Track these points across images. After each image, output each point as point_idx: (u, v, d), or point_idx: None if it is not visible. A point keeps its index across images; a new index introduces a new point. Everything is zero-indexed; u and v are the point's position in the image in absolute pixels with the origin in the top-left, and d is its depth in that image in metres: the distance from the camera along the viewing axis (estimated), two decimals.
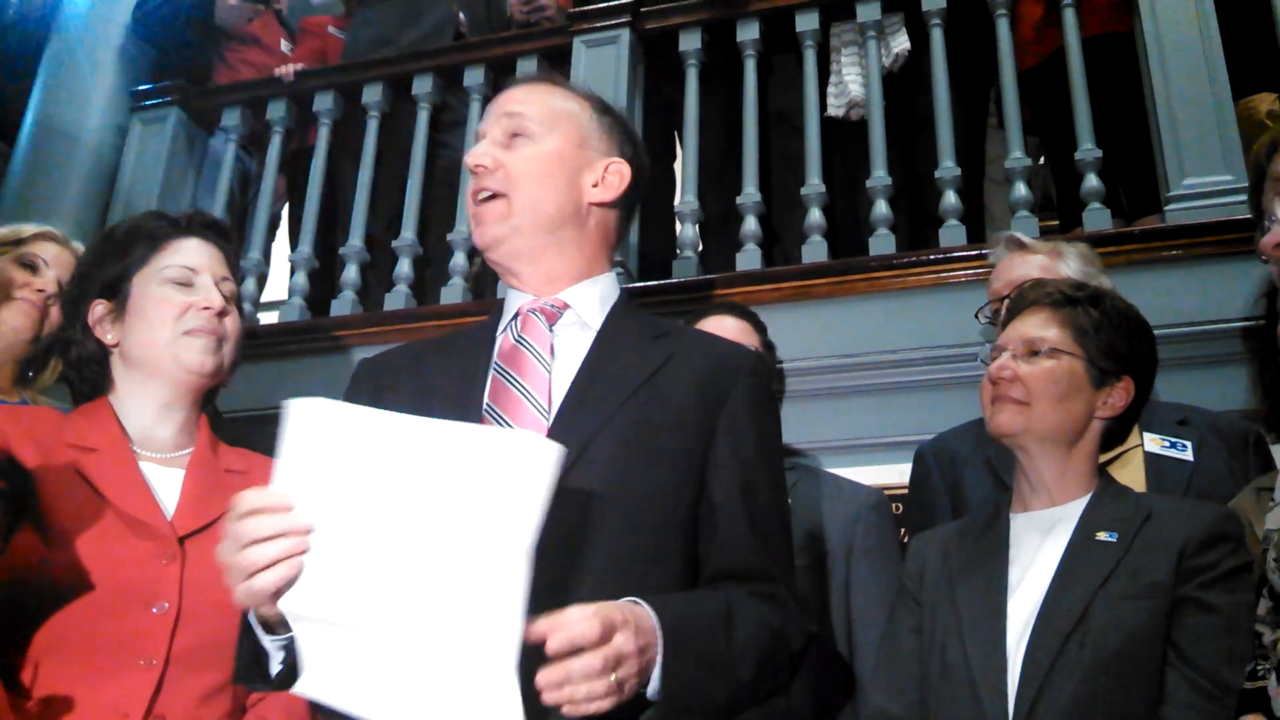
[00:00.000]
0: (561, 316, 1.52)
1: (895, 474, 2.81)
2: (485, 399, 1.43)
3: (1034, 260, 2.33)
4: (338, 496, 1.14)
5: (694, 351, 1.51)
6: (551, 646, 1.11)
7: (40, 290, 2.26)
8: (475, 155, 1.52)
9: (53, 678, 1.50)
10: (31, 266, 2.28)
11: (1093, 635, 1.62)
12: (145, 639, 1.54)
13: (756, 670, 1.32)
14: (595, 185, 1.55)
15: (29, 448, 1.61)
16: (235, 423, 2.98)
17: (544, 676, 1.11)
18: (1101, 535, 1.72)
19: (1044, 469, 1.82)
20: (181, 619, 1.56)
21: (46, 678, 1.50)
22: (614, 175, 1.57)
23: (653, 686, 1.22)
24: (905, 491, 2.56)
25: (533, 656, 1.10)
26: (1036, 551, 1.77)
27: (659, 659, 1.22)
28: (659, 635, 1.22)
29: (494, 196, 1.51)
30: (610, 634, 1.15)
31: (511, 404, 1.41)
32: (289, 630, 1.21)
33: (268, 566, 1.14)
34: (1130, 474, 2.05)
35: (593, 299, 1.54)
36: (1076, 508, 1.79)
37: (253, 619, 1.25)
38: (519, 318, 1.52)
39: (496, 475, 1.09)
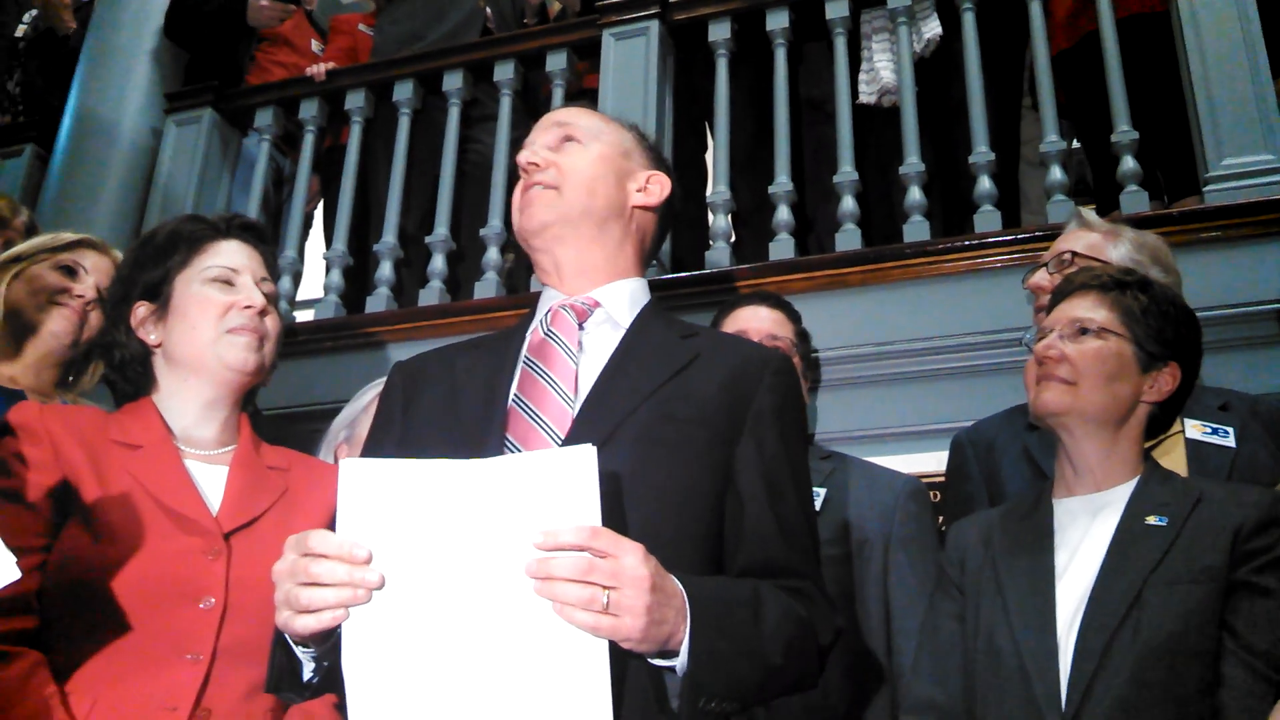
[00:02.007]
0: (592, 314, 1.55)
1: (933, 462, 2.79)
2: (513, 389, 1.46)
3: (1087, 237, 2.30)
4: (398, 550, 1.16)
5: (721, 351, 1.53)
6: (536, 541, 1.14)
7: (80, 296, 2.29)
8: (528, 153, 1.59)
9: (102, 672, 1.52)
10: (72, 273, 2.31)
11: (1146, 620, 1.60)
12: (192, 634, 1.56)
13: (785, 656, 1.32)
14: (640, 190, 1.63)
15: (75, 445, 1.63)
16: (273, 420, 3.01)
17: (531, 563, 1.14)
18: (1151, 519, 1.70)
19: (1089, 451, 1.80)
20: (228, 614, 1.58)
21: (95, 672, 1.52)
22: (655, 184, 1.65)
23: (680, 659, 1.22)
24: (943, 479, 2.55)
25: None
26: (1084, 536, 1.76)
27: (686, 630, 1.22)
28: (687, 607, 1.22)
29: (545, 188, 1.57)
30: (612, 551, 1.16)
31: (538, 393, 1.44)
32: (321, 644, 1.23)
33: (321, 609, 1.16)
34: (1171, 461, 2.02)
35: (623, 298, 1.57)
36: (1123, 491, 1.77)
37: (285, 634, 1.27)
38: (550, 313, 1.55)
39: (548, 495, 1.12)
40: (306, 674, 1.29)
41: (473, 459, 1.20)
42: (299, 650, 1.27)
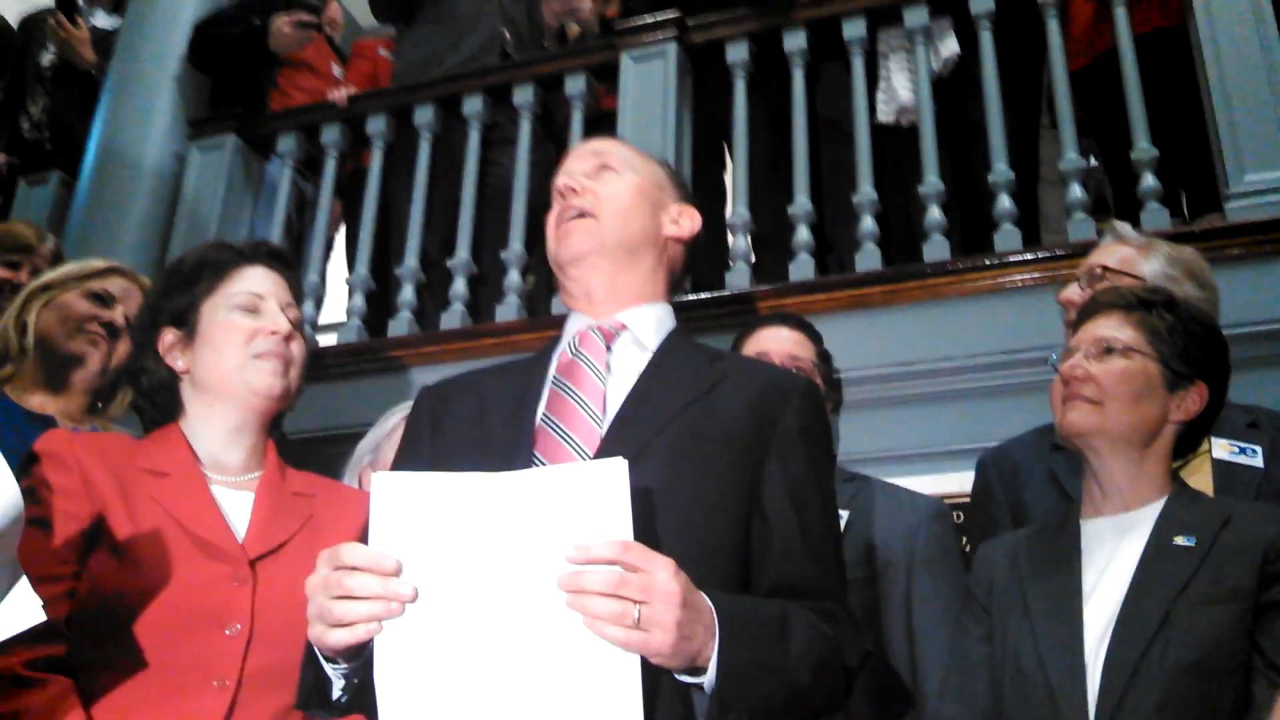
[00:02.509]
0: (619, 336, 1.56)
1: (955, 483, 2.78)
2: (541, 408, 1.47)
3: (1119, 251, 2.29)
4: (430, 563, 1.17)
5: (748, 374, 1.55)
6: (569, 554, 1.14)
7: (109, 323, 2.31)
8: (566, 178, 1.60)
9: (128, 699, 1.52)
10: (102, 300, 2.33)
11: (1175, 641, 1.59)
12: (218, 660, 1.56)
13: (812, 676, 1.31)
14: (673, 222, 1.64)
15: (103, 473, 1.64)
16: (296, 444, 3.02)
17: (564, 576, 1.14)
18: (1179, 540, 1.69)
19: (1116, 472, 1.79)
20: (254, 641, 1.58)
21: (122, 699, 1.52)
22: (687, 219, 1.67)
23: (708, 676, 1.22)
24: (966, 500, 2.54)
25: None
26: (1111, 556, 1.75)
27: (715, 647, 1.22)
28: (715, 624, 1.22)
29: (582, 215, 1.58)
30: (645, 566, 1.16)
31: (567, 412, 1.45)
32: (353, 659, 1.24)
33: (354, 622, 1.16)
34: (1196, 481, 2.00)
35: (650, 322, 1.58)
36: (1151, 512, 1.76)
37: (317, 648, 1.27)
38: (578, 336, 1.56)
39: (580, 509, 1.13)
40: (336, 692, 1.29)
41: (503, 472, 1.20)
42: (329, 667, 1.27)
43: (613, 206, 1.58)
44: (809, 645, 1.32)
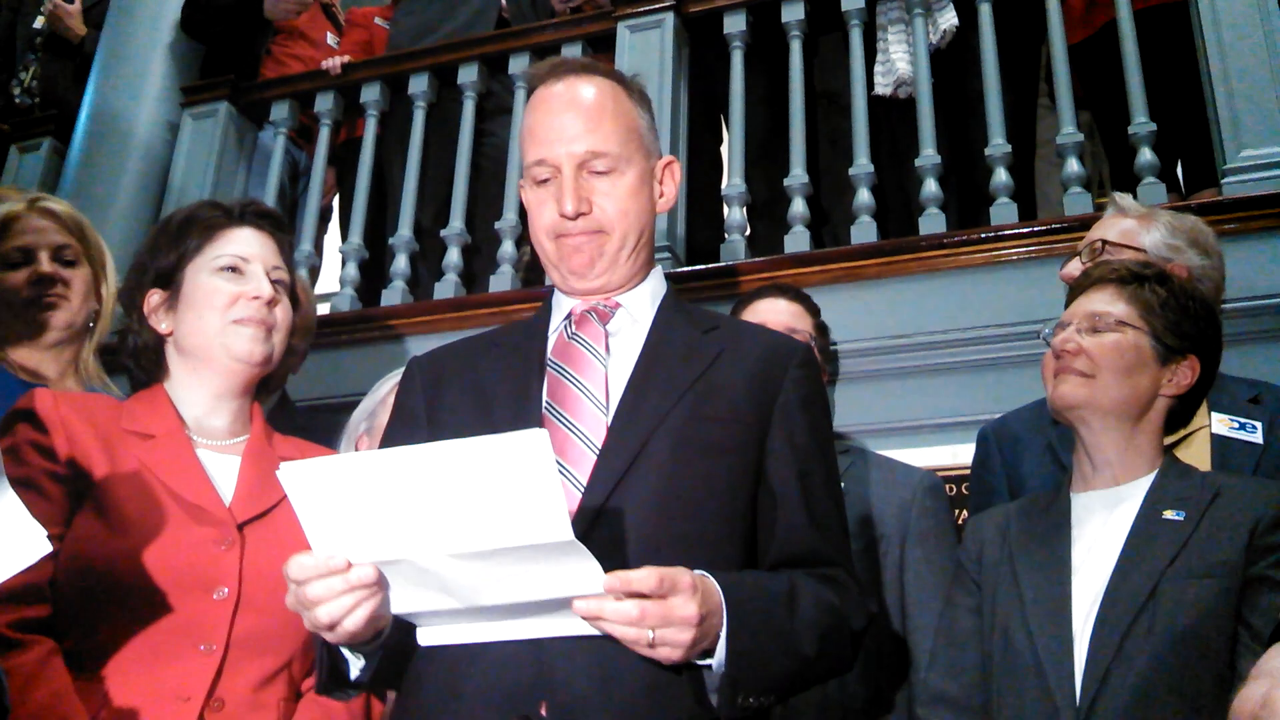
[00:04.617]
0: (614, 316, 1.54)
1: (948, 455, 2.78)
2: (544, 397, 1.46)
3: (1120, 224, 2.28)
4: (378, 536, 1.19)
5: (744, 344, 1.54)
6: (607, 583, 1.16)
7: (41, 278, 2.22)
8: (570, 200, 1.49)
9: (116, 662, 1.53)
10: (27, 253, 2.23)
11: (1161, 615, 1.60)
12: (206, 624, 1.56)
13: (819, 647, 1.35)
14: (660, 196, 1.59)
15: (88, 434, 1.63)
16: (303, 411, 3.03)
17: (579, 604, 1.18)
18: (1168, 513, 1.70)
19: (1106, 445, 1.79)
20: (241, 604, 1.58)
21: (110, 662, 1.52)
22: (670, 182, 1.61)
23: (717, 658, 1.26)
24: (959, 473, 2.54)
25: None
26: (1100, 530, 1.75)
27: (724, 631, 1.25)
28: (724, 608, 1.25)
29: (593, 231, 1.51)
30: (668, 592, 1.19)
31: (571, 401, 1.45)
32: (369, 644, 1.29)
33: (340, 620, 1.22)
34: (1194, 455, 1.99)
35: (644, 296, 1.58)
36: (1141, 486, 1.77)
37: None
38: (573, 319, 1.54)
39: (508, 480, 1.12)
40: (355, 673, 1.34)
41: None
42: (349, 653, 1.33)
43: (623, 226, 1.52)
44: (815, 616, 1.35)
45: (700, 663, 1.27)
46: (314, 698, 1.62)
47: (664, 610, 1.19)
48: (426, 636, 1.31)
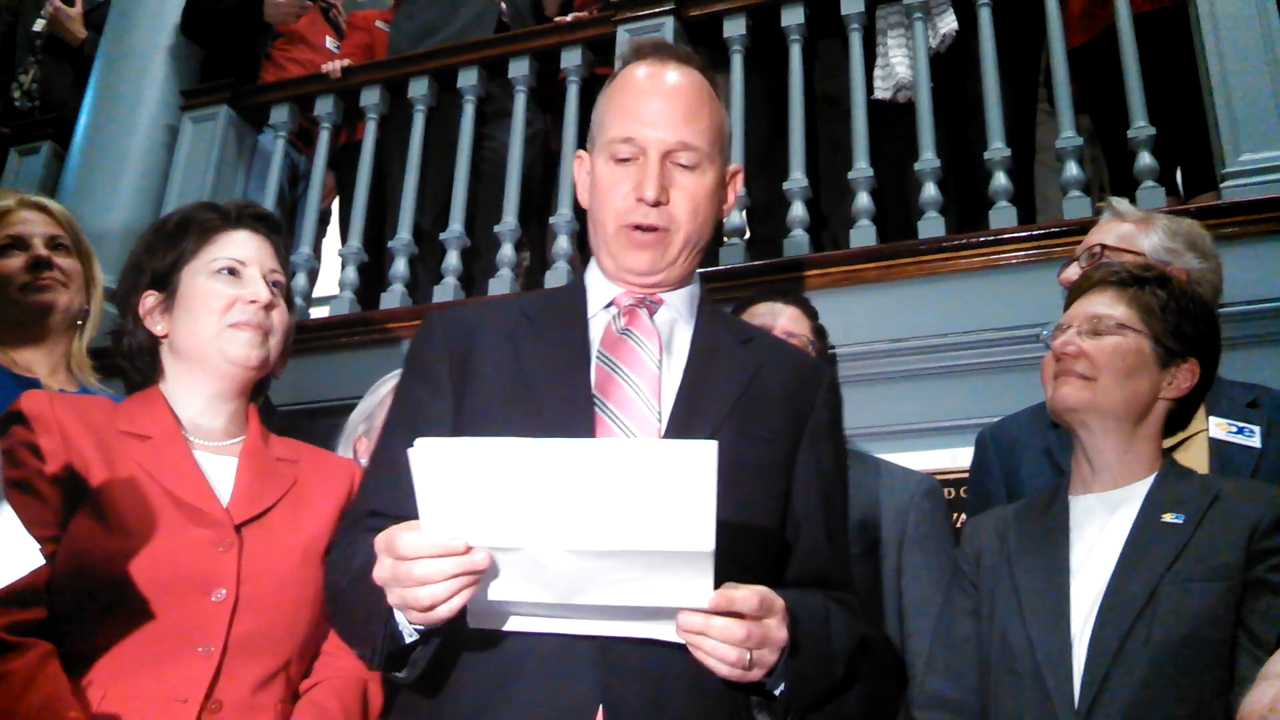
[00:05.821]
0: (659, 312, 1.54)
1: (947, 459, 2.78)
2: (591, 389, 1.45)
3: (1118, 228, 2.28)
4: (497, 522, 1.17)
5: (778, 360, 1.57)
6: (714, 601, 1.19)
7: (38, 261, 2.23)
8: (651, 187, 1.48)
9: (113, 664, 1.52)
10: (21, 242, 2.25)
11: (1161, 618, 1.60)
12: (203, 626, 1.55)
13: (846, 669, 1.40)
14: (725, 201, 1.59)
15: (84, 434, 1.62)
16: (288, 415, 3.01)
17: (685, 618, 1.19)
18: (1168, 517, 1.69)
19: (1106, 448, 1.79)
20: (239, 606, 1.57)
21: (107, 664, 1.52)
22: (732, 191, 1.61)
23: (780, 678, 1.29)
24: (957, 476, 2.53)
25: None
26: (1099, 533, 1.75)
27: (786, 651, 1.29)
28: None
29: (660, 229, 1.50)
30: (765, 614, 1.23)
31: (624, 400, 1.44)
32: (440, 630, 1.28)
33: (439, 604, 1.20)
34: (1192, 460, 1.99)
35: (686, 297, 1.58)
36: (1140, 489, 1.76)
37: (402, 621, 1.30)
38: (621, 312, 1.53)
39: (664, 485, 1.12)
40: (414, 655, 1.32)
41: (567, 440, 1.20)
42: (412, 631, 1.30)
43: (690, 226, 1.51)
44: (845, 639, 1.40)
45: (750, 678, 1.27)
46: (311, 699, 1.62)
47: (764, 632, 1.23)
48: (478, 619, 1.28)
